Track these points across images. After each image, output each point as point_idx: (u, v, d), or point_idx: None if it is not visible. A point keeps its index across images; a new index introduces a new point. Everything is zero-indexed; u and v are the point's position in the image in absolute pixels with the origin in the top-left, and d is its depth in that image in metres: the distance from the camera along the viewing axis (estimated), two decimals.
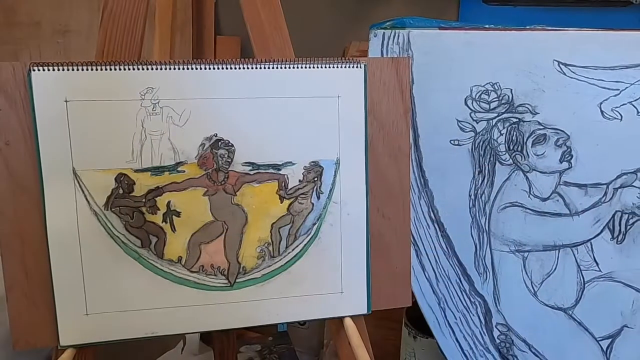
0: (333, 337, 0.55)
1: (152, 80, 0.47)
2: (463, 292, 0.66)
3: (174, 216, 0.48)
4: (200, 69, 0.48)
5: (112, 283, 0.48)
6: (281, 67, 0.49)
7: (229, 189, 0.49)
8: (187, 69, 0.47)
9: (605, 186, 0.61)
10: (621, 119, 0.59)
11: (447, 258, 0.65)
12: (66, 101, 0.45)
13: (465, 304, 0.66)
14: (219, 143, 0.49)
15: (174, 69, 0.47)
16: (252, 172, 0.50)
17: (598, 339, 0.63)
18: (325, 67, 0.50)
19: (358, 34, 1.15)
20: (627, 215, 0.60)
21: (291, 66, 0.49)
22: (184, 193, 0.49)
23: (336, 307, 0.53)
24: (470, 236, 0.64)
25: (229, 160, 0.49)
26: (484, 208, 0.64)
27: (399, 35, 0.63)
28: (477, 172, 0.63)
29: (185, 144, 0.48)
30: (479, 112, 0.62)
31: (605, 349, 0.63)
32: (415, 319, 0.81)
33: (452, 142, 0.63)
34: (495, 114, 0.62)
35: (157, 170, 0.48)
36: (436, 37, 0.62)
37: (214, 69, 0.48)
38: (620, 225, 0.61)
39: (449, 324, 0.66)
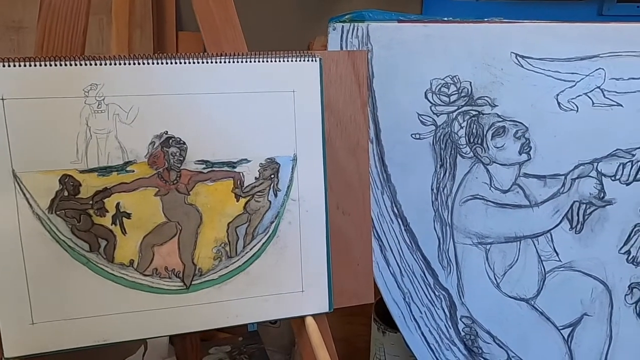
0: (296, 336, 0.54)
1: (96, 76, 0.45)
2: (427, 286, 0.65)
3: (124, 218, 0.46)
4: (148, 64, 0.46)
5: (60, 290, 0.46)
6: (233, 62, 0.47)
7: (182, 189, 0.48)
8: (134, 64, 0.45)
9: (563, 177, 0.61)
10: (577, 110, 0.60)
11: (411, 252, 0.65)
12: (2, 99, 0.43)
13: (430, 298, 0.66)
14: (170, 141, 0.47)
15: (120, 64, 0.45)
16: (205, 171, 0.48)
17: (559, 328, 0.64)
18: (279, 61, 0.48)
19: (323, 29, 1.14)
20: (584, 205, 0.61)
21: (243, 60, 0.47)
22: (134, 194, 0.47)
23: (297, 307, 0.52)
24: (434, 230, 0.64)
25: (181, 158, 0.47)
26: (446, 201, 0.64)
27: (358, 29, 0.62)
28: (438, 166, 0.63)
29: (133, 142, 0.46)
30: (439, 105, 0.62)
31: (566, 338, 0.64)
32: (384, 314, 0.81)
33: (413, 136, 0.63)
34: (455, 107, 0.62)
35: (105, 170, 0.46)
36: (395, 30, 0.62)
37: (162, 63, 0.46)
38: (578, 215, 0.62)
39: (414, 318, 0.66)
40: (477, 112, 0.62)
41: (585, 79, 0.59)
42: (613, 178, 0.60)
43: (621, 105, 0.59)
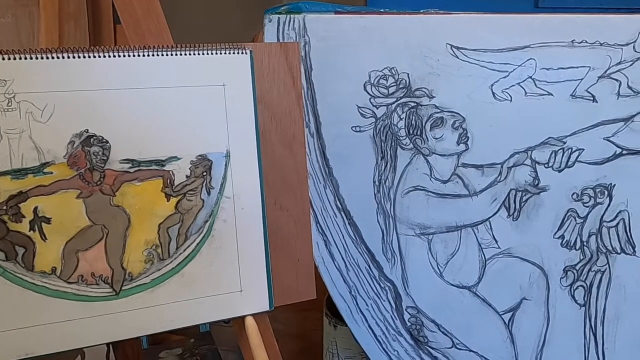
0: (237, 337, 0.53)
1: (4, 71, 0.41)
2: (373, 279, 0.65)
3: (43, 223, 0.44)
4: (64, 57, 0.43)
5: None
6: (156, 54, 0.45)
7: (107, 190, 0.45)
8: (48, 57, 0.42)
9: (499, 166, 0.62)
10: (511, 100, 0.61)
11: (356, 246, 0.65)
12: None
13: (375, 290, 0.66)
14: (91, 140, 0.44)
15: (32, 58, 0.42)
16: (132, 170, 0.46)
17: (500, 313, 0.65)
18: (207, 54, 0.47)
19: None
20: (520, 192, 0.63)
21: (168, 53, 0.45)
22: (54, 197, 0.44)
23: (236, 307, 0.50)
24: (377, 222, 0.64)
25: (104, 158, 0.45)
26: (388, 193, 0.64)
27: (294, 21, 0.61)
28: (379, 158, 0.63)
29: (50, 142, 0.43)
30: (378, 97, 0.62)
31: (507, 322, 0.65)
32: (335, 308, 0.81)
33: (353, 128, 0.62)
34: (394, 99, 0.62)
35: (19, 173, 0.42)
36: (332, 22, 0.61)
37: (78, 57, 0.43)
38: (515, 202, 0.63)
39: (360, 311, 0.66)
40: (415, 104, 0.62)
41: (517, 69, 0.60)
42: (546, 165, 0.62)
43: (552, 95, 0.60)
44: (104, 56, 0.44)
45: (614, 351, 0.65)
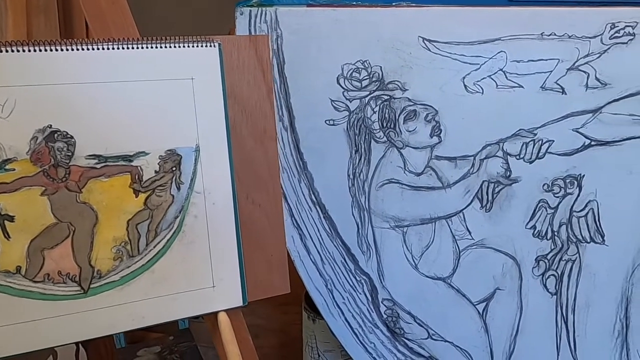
0: (211, 333, 0.53)
1: None
2: (349, 272, 0.66)
3: (6, 221, 0.42)
4: (24, 51, 0.42)
5: None
6: (121, 48, 0.44)
7: (72, 186, 0.44)
8: (7, 51, 0.41)
9: (472, 158, 0.63)
10: (482, 93, 0.61)
11: (331, 239, 0.65)
12: None
13: (351, 284, 0.66)
14: (55, 135, 0.43)
15: None
16: (98, 166, 0.45)
17: (475, 304, 0.66)
18: (174, 47, 0.46)
19: None
20: (493, 184, 0.63)
21: (133, 46, 0.44)
22: (17, 194, 0.43)
23: (209, 303, 0.50)
24: (352, 216, 0.64)
25: (69, 154, 0.44)
26: (362, 187, 0.64)
27: (266, 13, 0.60)
28: (354, 152, 0.63)
29: (12, 138, 0.42)
30: (352, 90, 0.62)
31: (481, 312, 0.66)
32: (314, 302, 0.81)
33: (327, 122, 0.62)
34: (367, 92, 0.62)
35: None
36: (304, 14, 0.60)
37: (40, 51, 0.42)
38: (487, 194, 0.64)
39: (337, 304, 0.66)
40: (388, 97, 0.62)
41: (488, 62, 0.61)
42: (518, 157, 0.63)
43: (522, 87, 0.61)
44: (66, 49, 0.42)
45: (584, 338, 0.67)
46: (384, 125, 0.62)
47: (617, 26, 0.59)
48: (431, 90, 0.62)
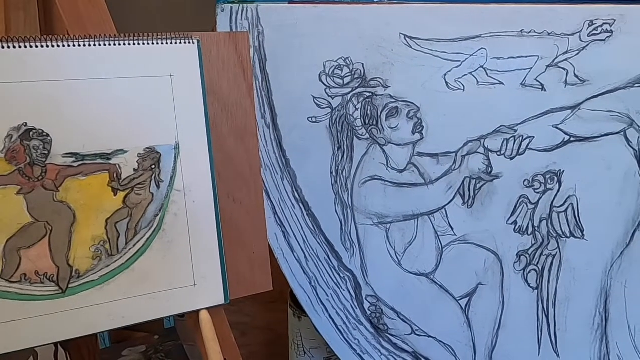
0: (193, 331, 0.52)
1: None
2: (332, 269, 0.66)
3: None
4: None
5: None
6: (98, 44, 0.43)
7: (49, 185, 0.44)
8: None
9: (454, 154, 0.63)
10: (464, 89, 0.62)
11: (315, 236, 0.65)
12: None
13: (335, 280, 0.66)
14: (31, 133, 0.42)
15: None
16: (76, 164, 0.44)
17: (457, 299, 0.67)
18: (153, 44, 0.45)
19: None
20: (474, 180, 0.64)
21: (110, 43, 0.44)
22: None
23: (190, 301, 0.50)
24: (335, 213, 0.64)
25: (45, 152, 0.43)
26: (345, 184, 0.64)
27: (247, 10, 0.60)
28: (336, 149, 0.63)
29: None
30: (334, 87, 0.62)
31: (464, 307, 0.67)
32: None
33: (309, 119, 0.62)
34: (350, 89, 0.62)
35: None
36: (286, 11, 0.60)
37: (14, 47, 0.41)
38: (469, 190, 0.64)
39: (321, 301, 0.66)
40: (370, 94, 0.62)
41: (469, 59, 0.61)
42: (498, 153, 0.63)
43: (502, 84, 0.61)
44: (41, 46, 0.42)
45: (565, 332, 0.67)
46: (367, 122, 0.63)
47: (595, 23, 0.60)
48: (413, 87, 0.62)
